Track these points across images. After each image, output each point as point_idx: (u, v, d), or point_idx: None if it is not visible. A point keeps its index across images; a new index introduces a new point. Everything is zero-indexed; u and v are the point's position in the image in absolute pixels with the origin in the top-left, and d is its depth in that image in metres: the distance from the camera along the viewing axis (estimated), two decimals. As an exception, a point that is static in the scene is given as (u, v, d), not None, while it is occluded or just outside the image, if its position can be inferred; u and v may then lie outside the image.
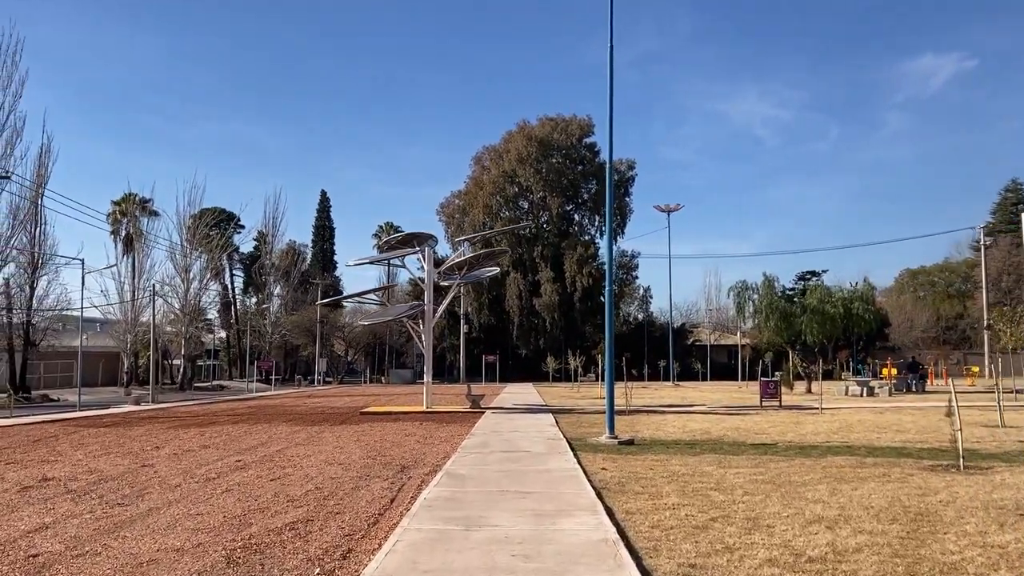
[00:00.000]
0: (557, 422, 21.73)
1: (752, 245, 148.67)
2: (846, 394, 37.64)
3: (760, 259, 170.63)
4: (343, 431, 20.49)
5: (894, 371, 50.49)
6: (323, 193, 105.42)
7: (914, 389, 40.89)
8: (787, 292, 43.06)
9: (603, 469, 12.49)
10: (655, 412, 26.26)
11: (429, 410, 26.48)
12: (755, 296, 41.21)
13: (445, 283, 28.84)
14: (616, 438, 16.81)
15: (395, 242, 27.47)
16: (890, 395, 36.83)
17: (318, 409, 30.23)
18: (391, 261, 26.54)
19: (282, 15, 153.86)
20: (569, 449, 15.08)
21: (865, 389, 37.21)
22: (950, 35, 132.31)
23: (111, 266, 49.84)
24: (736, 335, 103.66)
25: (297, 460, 14.29)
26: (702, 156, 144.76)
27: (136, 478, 12.33)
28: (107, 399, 42.47)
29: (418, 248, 27.34)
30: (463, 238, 26.09)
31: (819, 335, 41.69)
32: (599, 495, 9.88)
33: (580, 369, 54.53)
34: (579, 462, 13.15)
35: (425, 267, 27.22)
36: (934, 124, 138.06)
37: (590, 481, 11.04)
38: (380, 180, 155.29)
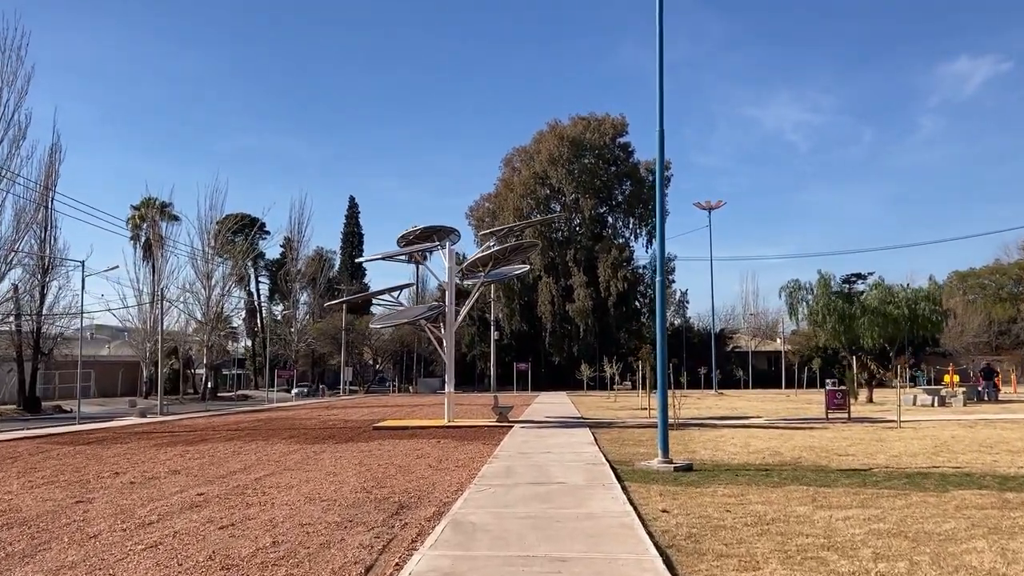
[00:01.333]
0: (596, 439, 18.63)
1: (785, 251, 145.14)
2: (914, 404, 34.02)
3: (799, 262, 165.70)
4: (346, 451, 17.58)
5: (956, 378, 46.64)
6: (351, 199, 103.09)
7: (986, 398, 37.15)
8: (844, 292, 39.37)
9: (663, 512, 9.38)
10: (707, 426, 23.05)
11: (450, 424, 23.53)
12: (808, 297, 37.71)
13: (469, 282, 25.94)
14: (671, 462, 13.68)
15: (413, 237, 24.63)
16: (964, 405, 33.18)
17: (329, 423, 27.41)
18: (411, 257, 23.48)
19: (304, 20, 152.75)
20: (615, 479, 11.99)
21: (936, 399, 33.59)
22: (985, 38, 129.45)
23: (111, 268, 47.43)
24: (776, 341, 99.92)
25: (273, 494, 11.37)
26: (733, 162, 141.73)
27: (54, 521, 9.48)
28: (117, 411, 40.09)
29: (437, 242, 24.46)
30: (489, 231, 22.87)
31: (879, 338, 38.08)
32: (668, 563, 6.78)
33: (617, 377, 51.20)
34: (630, 500, 10.06)
35: (446, 264, 24.31)
36: (969, 127, 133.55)
37: (650, 534, 7.95)
38: (409, 188, 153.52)
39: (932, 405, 32.97)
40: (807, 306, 37.96)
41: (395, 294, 24.37)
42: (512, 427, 22.78)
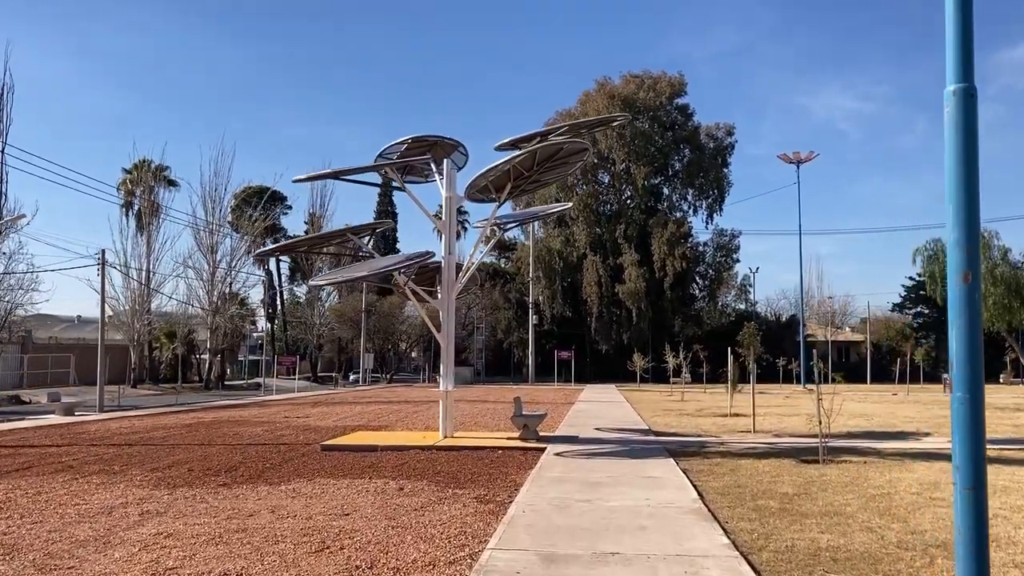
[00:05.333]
0: (703, 498, 9.59)
1: (836, 241, 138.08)
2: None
3: (861, 248, 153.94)
4: (216, 508, 8.98)
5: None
6: (384, 175, 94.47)
7: None
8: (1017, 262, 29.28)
9: None
10: (875, 454, 13.95)
11: (442, 444, 14.74)
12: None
13: (479, 225, 17.00)
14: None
15: (397, 155, 15.90)
16: None
17: (277, 433, 18.84)
18: (385, 176, 14.49)
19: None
20: None
21: None
22: None
23: (16, 217, 39.13)
24: (847, 330, 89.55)
25: None
26: (783, 151, 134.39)
27: None
28: (81, 401, 32.03)
29: (430, 156, 15.66)
30: (507, 141, 14.01)
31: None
32: None
33: (685, 370, 41.94)
34: None
35: (443, 192, 15.53)
36: None
37: None
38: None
39: None
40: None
41: (365, 239, 15.55)
42: (543, 451, 13.93)
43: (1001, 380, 56.25)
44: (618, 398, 35.51)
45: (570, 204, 40.66)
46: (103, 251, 31.06)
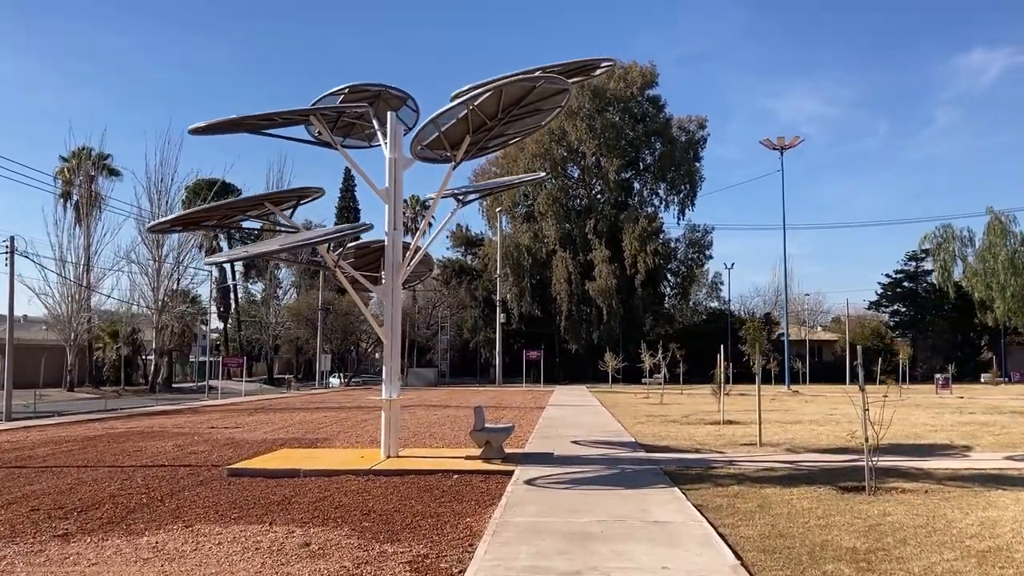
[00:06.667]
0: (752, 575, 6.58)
1: (804, 242, 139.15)
2: None
3: (826, 251, 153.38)
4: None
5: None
6: (347, 171, 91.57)
7: None
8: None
9: None
10: (927, 477, 11.17)
11: (382, 468, 11.68)
12: (968, 250, 25.45)
13: (431, 196, 13.88)
14: None
15: (333, 107, 12.77)
16: None
17: (187, 451, 15.59)
18: (313, 120, 11.25)
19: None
20: None
21: None
22: (1001, 30, 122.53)
23: None
24: (819, 330, 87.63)
25: None
26: (748, 153, 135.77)
27: None
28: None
29: (370, 109, 12.57)
30: (464, 89, 11.27)
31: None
32: None
33: (663, 369, 39.11)
34: None
35: (387, 150, 12.47)
36: (984, 120, 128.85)
37: None
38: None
39: None
40: (968, 263, 25.68)
41: (288, 213, 12.39)
42: (510, 475, 10.92)
43: (983, 380, 54.31)
44: (592, 401, 32.63)
45: (543, 174, 37.65)
46: (11, 238, 27.38)
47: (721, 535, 7.35)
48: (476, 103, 10.37)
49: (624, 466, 12.09)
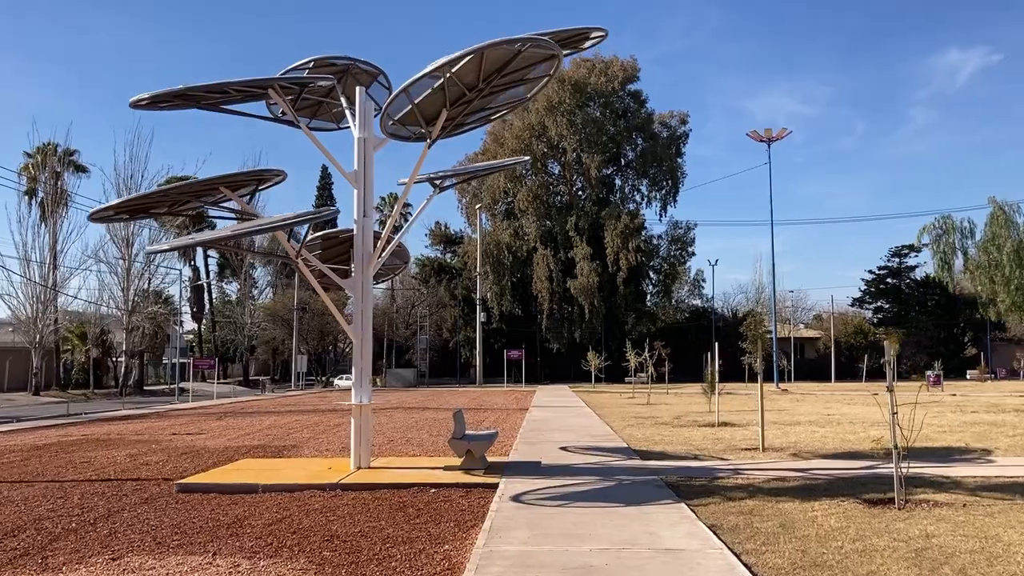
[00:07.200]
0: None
1: (782, 240, 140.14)
2: None
3: (795, 248, 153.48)
4: None
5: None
6: (323, 169, 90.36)
7: None
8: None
9: None
10: (957, 487, 10.15)
11: (350, 482, 10.47)
12: (968, 242, 24.55)
13: (402, 182, 12.56)
14: None
15: (294, 77, 11.47)
16: None
17: (139, 461, 14.29)
18: (258, 90, 9.94)
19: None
20: None
21: None
22: (975, 30, 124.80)
23: None
24: (799, 327, 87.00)
25: None
26: (727, 152, 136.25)
27: None
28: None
29: (334, 80, 11.33)
30: (443, 62, 10.23)
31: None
32: None
33: (650, 368, 38.02)
34: None
35: (356, 129, 11.26)
36: (960, 119, 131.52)
37: None
38: (384, 152, 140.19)
39: None
40: (969, 256, 24.77)
41: (246, 199, 11.05)
42: (495, 489, 9.75)
43: (969, 377, 53.82)
44: (576, 402, 31.51)
45: (527, 158, 36.36)
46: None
47: (747, 565, 6.21)
48: (454, 69, 9.16)
49: (620, 477, 10.94)
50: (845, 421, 20.07)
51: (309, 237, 11.62)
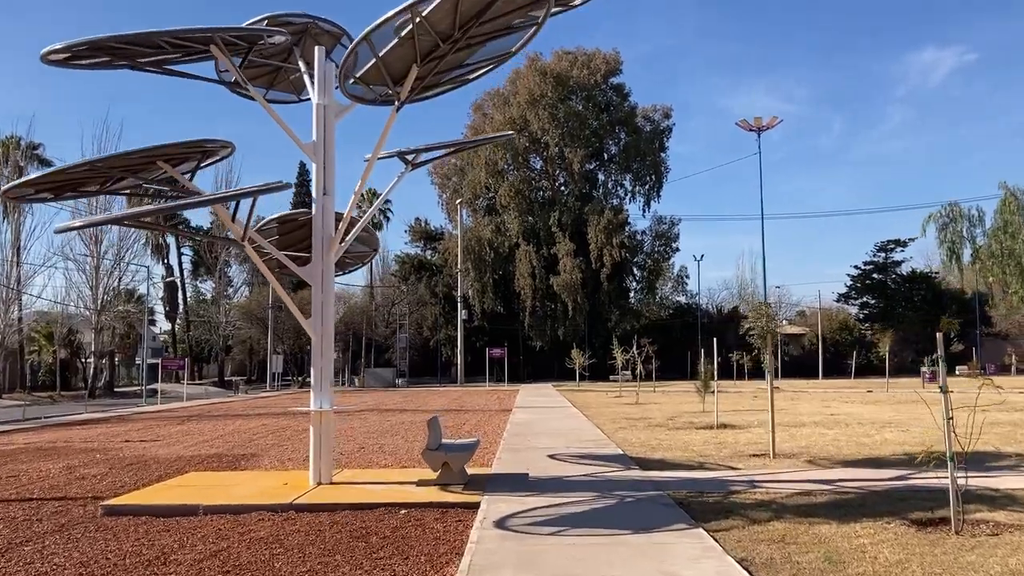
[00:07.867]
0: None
1: (758, 237, 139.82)
2: None
3: (775, 246, 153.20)
4: None
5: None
6: (301, 166, 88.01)
7: None
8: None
9: None
10: (1019, 504, 8.78)
11: (306, 502, 8.99)
12: (976, 231, 23.26)
13: (382, 156, 11.01)
14: None
15: (242, 29, 9.91)
16: None
17: (76, 474, 12.78)
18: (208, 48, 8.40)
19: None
20: None
21: None
22: (951, 29, 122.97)
23: None
24: (783, 323, 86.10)
25: None
26: (708, 151, 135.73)
27: None
28: None
29: (288, 35, 9.84)
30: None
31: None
32: None
33: (639, 366, 36.70)
34: None
35: (315, 95, 9.80)
36: (935, 118, 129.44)
37: None
38: (359, 144, 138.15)
39: None
40: (977, 245, 23.40)
41: (188, 176, 9.56)
42: (475, 510, 8.33)
43: (958, 373, 52.85)
44: (562, 402, 30.10)
45: (512, 132, 34.91)
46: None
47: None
48: (424, 12, 7.68)
49: (620, 492, 9.51)
50: (852, 422, 18.78)
51: (266, 219, 10.12)
